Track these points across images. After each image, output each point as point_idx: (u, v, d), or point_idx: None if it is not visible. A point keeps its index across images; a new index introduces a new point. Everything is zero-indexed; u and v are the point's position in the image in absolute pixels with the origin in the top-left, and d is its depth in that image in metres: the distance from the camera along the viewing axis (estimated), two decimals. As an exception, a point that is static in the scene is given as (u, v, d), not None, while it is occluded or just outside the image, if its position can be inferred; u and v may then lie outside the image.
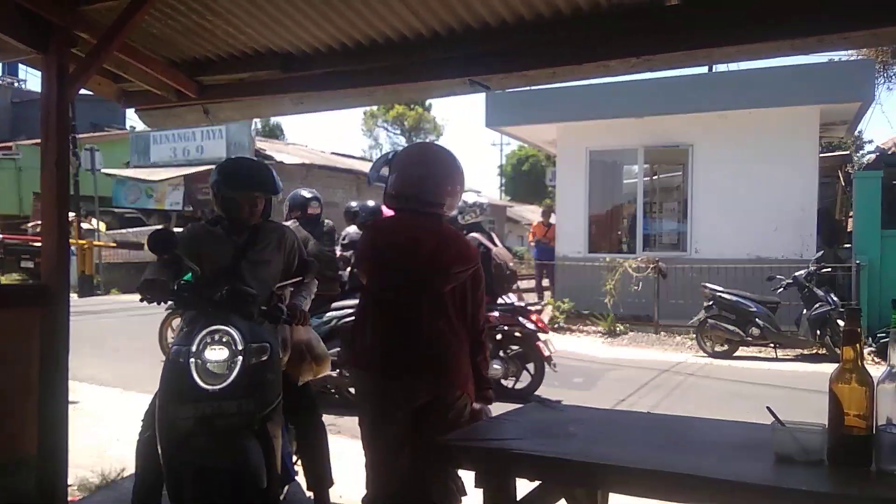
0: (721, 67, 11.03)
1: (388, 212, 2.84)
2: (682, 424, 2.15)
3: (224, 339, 2.65)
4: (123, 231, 17.50)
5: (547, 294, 13.28)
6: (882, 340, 8.05)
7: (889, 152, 12.40)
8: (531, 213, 35.57)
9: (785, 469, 1.62)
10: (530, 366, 6.39)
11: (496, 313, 6.06)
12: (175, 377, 2.65)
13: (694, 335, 9.57)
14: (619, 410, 5.15)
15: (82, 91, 3.39)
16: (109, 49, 3.00)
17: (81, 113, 18.03)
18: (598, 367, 8.36)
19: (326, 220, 6.38)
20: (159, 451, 2.63)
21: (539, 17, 2.90)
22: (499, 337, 6.22)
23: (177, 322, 7.41)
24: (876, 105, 11.52)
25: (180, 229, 9.34)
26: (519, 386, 6.35)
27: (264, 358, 2.73)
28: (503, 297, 6.30)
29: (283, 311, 2.96)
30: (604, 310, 10.95)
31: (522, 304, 6.62)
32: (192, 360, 2.62)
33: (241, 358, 2.63)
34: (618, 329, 10.79)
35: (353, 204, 7.48)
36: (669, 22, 2.77)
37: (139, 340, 8.41)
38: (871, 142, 25.06)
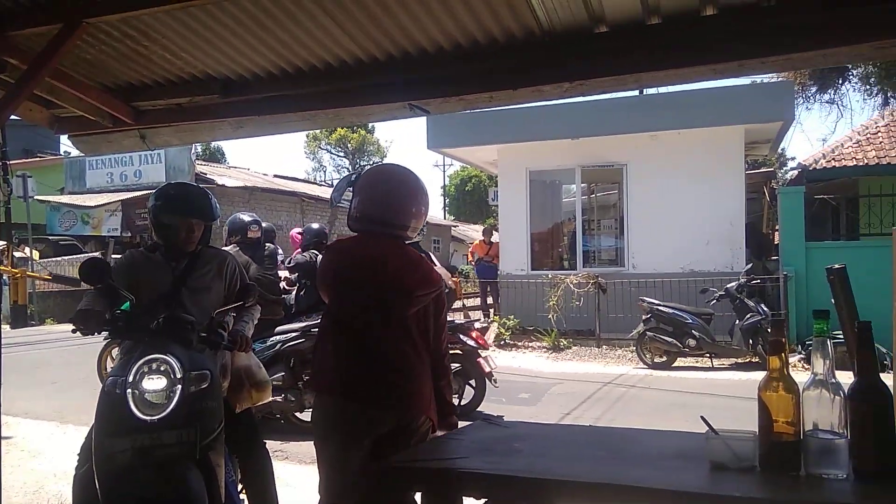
0: (651, 90, 11.44)
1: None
2: (623, 436, 2.21)
3: (162, 368, 2.60)
4: (58, 259, 16.86)
5: (493, 312, 13.40)
6: (810, 348, 8.41)
7: (810, 168, 13.03)
8: (475, 233, 35.83)
9: (719, 476, 1.69)
10: (472, 382, 6.47)
11: None
12: (111, 409, 2.58)
13: (634, 348, 9.82)
14: (563, 425, 5.23)
15: (13, 116, 3.29)
16: (40, 75, 2.93)
17: (13, 138, 17.38)
18: (543, 381, 8.47)
19: (268, 244, 6.32)
20: (97, 486, 2.54)
21: (475, 45, 2.97)
22: None
23: (116, 352, 7.19)
24: (796, 124, 12.13)
25: (118, 256, 9.13)
26: (462, 403, 6.42)
27: (204, 386, 2.68)
28: None
29: (224, 336, 2.92)
30: (548, 325, 11.12)
31: (463, 321, 6.69)
32: (129, 390, 2.55)
33: (179, 386, 2.58)
34: (562, 344, 10.97)
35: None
36: (599, 49, 2.88)
37: (76, 372, 8.11)
38: (793, 159, 26.34)
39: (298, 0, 2.69)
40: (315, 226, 7.26)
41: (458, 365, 6.36)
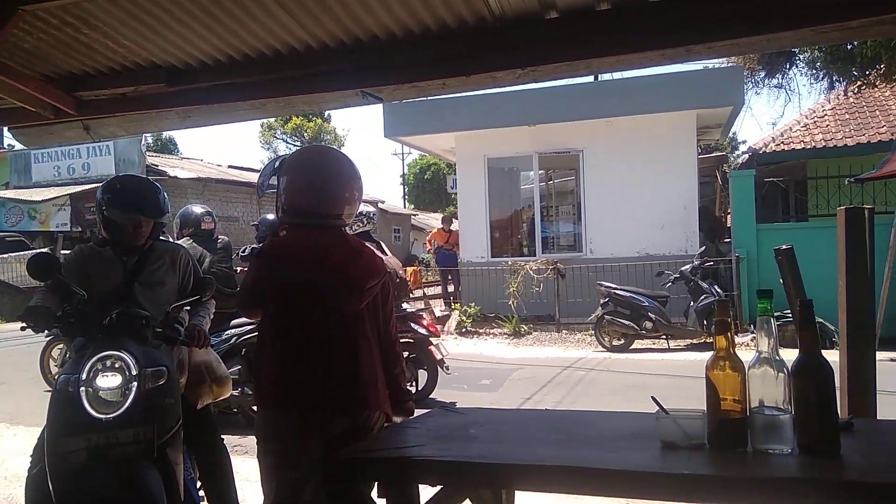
0: (606, 77, 11.56)
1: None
2: (578, 419, 2.24)
3: (116, 365, 2.54)
4: (5, 256, 16.31)
5: (453, 300, 13.45)
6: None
7: (761, 152, 13.35)
8: (435, 221, 35.80)
9: (670, 455, 1.73)
10: (424, 370, 6.56)
11: None
12: (64, 407, 2.51)
13: (593, 332, 9.96)
14: (518, 410, 5.29)
15: (-54, 109, 3.16)
16: (-26, 65, 2.82)
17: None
18: (504, 367, 8.54)
19: (221, 236, 6.22)
20: (50, 488, 2.47)
21: (427, 31, 2.95)
22: None
23: (57, 351, 6.99)
24: (746, 109, 12.38)
25: (67, 252, 8.87)
26: (414, 390, 6.45)
27: (161, 382, 2.62)
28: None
29: (180, 332, 2.87)
30: (508, 312, 11.20)
31: (414, 309, 6.72)
32: (83, 388, 2.49)
33: (135, 384, 2.53)
34: (522, 330, 11.07)
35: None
36: (550, 34, 2.88)
37: (25, 371, 7.87)
38: (744, 142, 26.98)
39: (244, -14, 2.63)
40: (270, 216, 7.16)
41: (409, 353, 6.43)
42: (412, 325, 6.40)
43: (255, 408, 5.78)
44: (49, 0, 2.67)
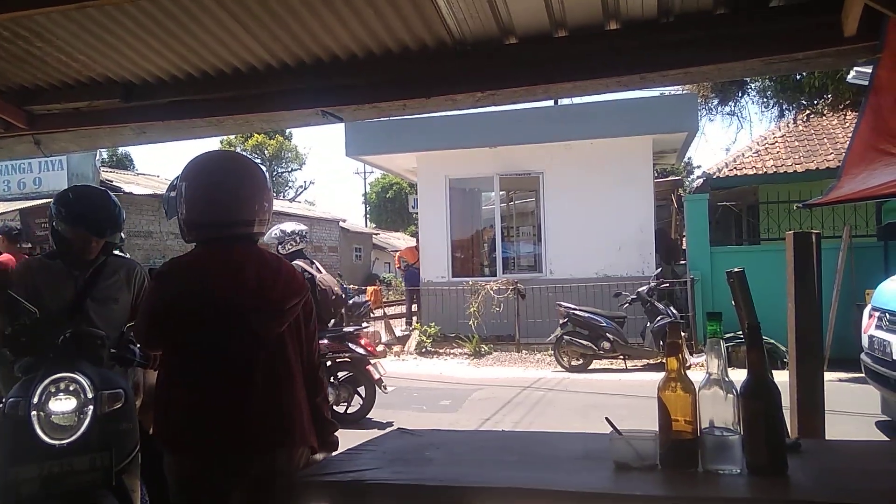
0: (566, 101, 11.76)
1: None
2: (534, 440, 2.25)
3: (71, 388, 2.42)
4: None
5: (415, 319, 13.41)
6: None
7: (714, 177, 13.71)
8: (397, 240, 35.82)
9: (623, 475, 1.74)
10: (361, 390, 6.55)
11: (325, 340, 6.13)
12: (14, 433, 2.38)
13: (552, 352, 10.02)
14: (475, 431, 5.29)
15: None
16: (-81, 76, 2.73)
17: None
18: (464, 388, 8.52)
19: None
20: None
21: (388, 53, 2.97)
22: (328, 363, 6.33)
23: None
24: (700, 134, 12.73)
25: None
26: (351, 410, 6.52)
27: (118, 406, 2.52)
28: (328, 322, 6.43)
29: (136, 353, 2.76)
30: (469, 332, 11.21)
31: (351, 328, 6.76)
32: (34, 412, 2.36)
33: (91, 407, 2.41)
34: (482, 350, 11.08)
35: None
36: (509, 59, 2.94)
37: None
38: (699, 167, 27.71)
39: (202, 2, 2.61)
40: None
41: (347, 372, 6.46)
42: (350, 344, 6.39)
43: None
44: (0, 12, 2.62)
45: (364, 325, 7.85)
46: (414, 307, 14.15)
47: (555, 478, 1.71)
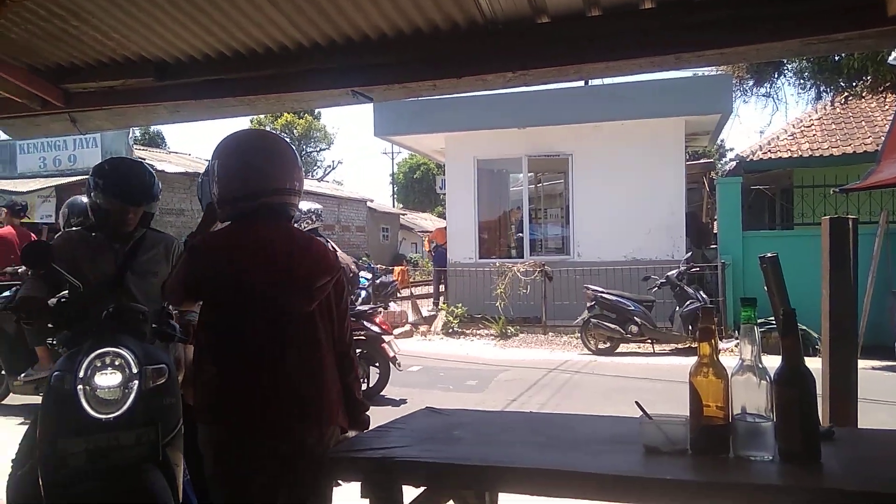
0: (597, 81, 11.60)
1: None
2: (562, 422, 2.25)
3: (116, 363, 2.40)
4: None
5: (442, 300, 13.46)
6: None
7: (748, 160, 13.45)
8: (424, 221, 35.88)
9: (653, 460, 1.73)
10: (376, 367, 6.77)
11: None
12: (60, 407, 2.37)
13: (579, 334, 9.99)
14: (503, 412, 5.30)
15: (-70, 99, 3.13)
16: (-40, 55, 2.79)
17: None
18: (490, 369, 8.55)
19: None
20: (42, 492, 2.34)
21: (418, 32, 2.95)
22: None
23: None
24: (734, 116, 12.48)
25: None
26: (366, 387, 6.66)
27: (162, 381, 2.49)
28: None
29: (176, 328, 2.72)
30: (495, 313, 11.22)
31: (365, 307, 6.98)
32: (80, 386, 2.34)
33: (136, 382, 2.39)
34: (509, 331, 11.09)
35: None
36: (541, 39, 2.90)
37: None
38: (732, 150, 27.21)
39: (236, -18, 2.62)
40: (83, 198, 6.36)
41: (362, 350, 6.59)
42: (365, 323, 6.57)
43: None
44: (37, -9, 2.65)
45: (391, 304, 7.95)
46: (441, 287, 14.18)
47: (584, 460, 1.71)
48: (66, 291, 2.63)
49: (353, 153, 78.67)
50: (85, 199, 5.79)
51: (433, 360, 9.13)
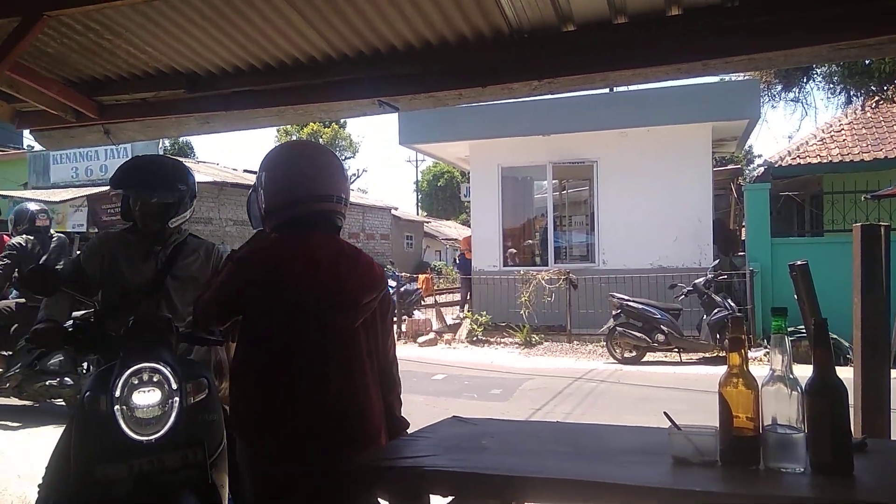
0: (621, 88, 11.55)
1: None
2: (588, 432, 2.24)
3: (154, 379, 2.22)
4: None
5: (467, 307, 13.45)
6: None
7: (776, 165, 13.28)
8: (448, 228, 35.91)
9: (681, 471, 1.71)
10: None
11: None
12: (97, 429, 2.21)
13: (604, 343, 9.92)
14: (530, 421, 5.28)
15: (-29, 111, 3.22)
16: (0, 69, 2.87)
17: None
18: (515, 377, 8.52)
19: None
20: None
21: (445, 42, 2.98)
22: None
23: None
24: (762, 122, 12.33)
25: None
26: None
27: (202, 396, 2.34)
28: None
29: (215, 331, 2.45)
30: (520, 321, 11.18)
31: None
32: (117, 407, 2.17)
33: (177, 399, 2.22)
34: (533, 339, 11.04)
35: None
36: (567, 47, 2.91)
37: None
38: (760, 156, 26.88)
39: (265, -5, 2.67)
40: (33, 206, 6.38)
41: None
42: None
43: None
44: (73, 6, 2.72)
45: (415, 312, 7.98)
46: (468, 295, 14.18)
47: (612, 471, 1.70)
48: (85, 311, 2.55)
49: (378, 161, 79.04)
50: (32, 205, 5.97)
51: (457, 369, 9.13)
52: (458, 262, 15.35)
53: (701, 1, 2.67)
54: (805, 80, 12.14)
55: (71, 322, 2.50)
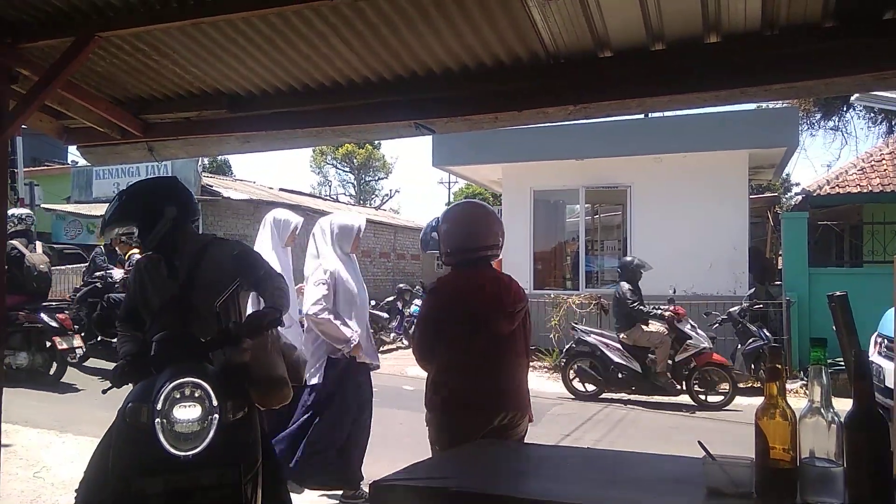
0: (657, 113, 11.50)
1: None
2: (620, 460, 2.21)
3: (196, 394, 2.23)
4: (63, 267, 16.93)
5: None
6: (811, 374, 8.41)
7: (815, 194, 13.06)
8: (477, 250, 35.78)
9: (716, 502, 1.69)
10: None
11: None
12: (137, 441, 2.22)
13: (636, 370, 9.75)
14: (560, 446, 5.21)
15: (22, 126, 3.34)
16: (51, 87, 2.98)
17: (21, 147, 17.57)
18: (544, 402, 8.42)
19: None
20: None
21: (482, 66, 3.01)
22: None
23: None
24: (801, 150, 12.17)
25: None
26: None
27: (241, 415, 2.34)
28: None
29: (239, 335, 2.48)
30: (549, 345, 11.08)
31: None
32: (158, 420, 2.18)
33: (216, 416, 2.22)
34: (563, 364, 10.91)
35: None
36: (604, 73, 2.92)
37: (76, 380, 8.11)
38: (797, 184, 26.42)
39: (308, 19, 2.73)
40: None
41: None
42: None
43: None
44: (124, 28, 2.83)
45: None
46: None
47: (646, 499, 1.68)
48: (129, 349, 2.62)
49: (411, 182, 79.56)
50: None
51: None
52: None
53: (740, 28, 2.67)
54: (845, 109, 11.96)
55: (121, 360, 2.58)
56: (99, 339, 8.58)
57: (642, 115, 11.55)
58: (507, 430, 2.75)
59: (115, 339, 8.13)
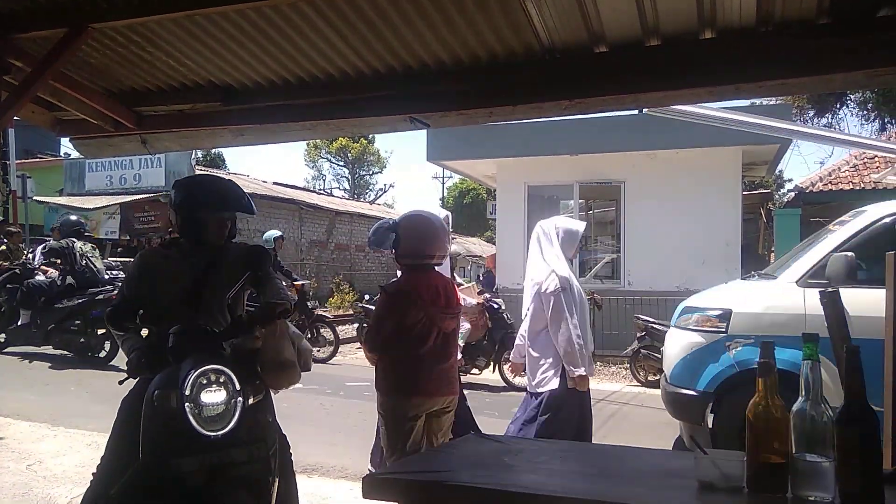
0: (653, 110, 11.50)
1: None
2: (613, 453, 2.22)
3: (221, 380, 2.40)
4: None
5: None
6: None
7: (807, 191, 13.11)
8: (473, 245, 35.86)
9: (707, 496, 1.69)
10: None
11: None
12: (168, 424, 2.36)
13: (628, 365, 9.81)
14: (552, 440, 5.22)
15: (15, 118, 3.32)
16: (44, 78, 2.96)
17: (13, 138, 17.45)
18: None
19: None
20: None
21: (477, 61, 3.01)
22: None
23: None
24: (794, 147, 12.21)
25: (114, 259, 9.47)
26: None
27: (260, 398, 2.55)
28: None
29: (251, 328, 2.61)
30: (543, 341, 11.09)
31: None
32: (187, 403, 2.33)
33: (240, 399, 2.41)
34: (555, 360, 10.94)
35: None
36: (599, 68, 2.92)
37: (69, 373, 8.09)
38: (790, 181, 26.52)
39: (302, 12, 2.72)
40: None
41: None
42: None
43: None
44: (118, 19, 2.81)
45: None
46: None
47: (637, 493, 1.69)
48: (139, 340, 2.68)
49: (405, 177, 79.46)
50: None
51: (479, 387, 9.08)
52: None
53: (735, 25, 2.67)
54: (838, 106, 12.02)
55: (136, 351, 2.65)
56: (19, 323, 8.79)
57: (636, 111, 11.56)
58: (446, 413, 3.23)
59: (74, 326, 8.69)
